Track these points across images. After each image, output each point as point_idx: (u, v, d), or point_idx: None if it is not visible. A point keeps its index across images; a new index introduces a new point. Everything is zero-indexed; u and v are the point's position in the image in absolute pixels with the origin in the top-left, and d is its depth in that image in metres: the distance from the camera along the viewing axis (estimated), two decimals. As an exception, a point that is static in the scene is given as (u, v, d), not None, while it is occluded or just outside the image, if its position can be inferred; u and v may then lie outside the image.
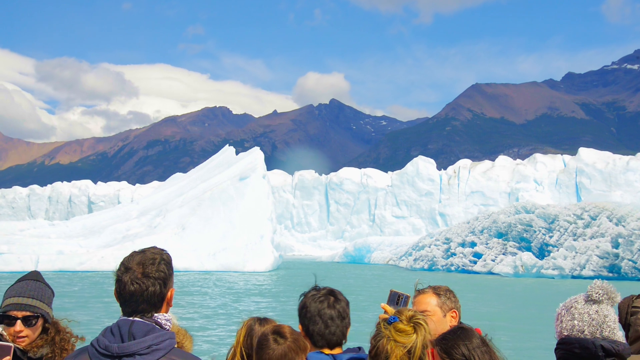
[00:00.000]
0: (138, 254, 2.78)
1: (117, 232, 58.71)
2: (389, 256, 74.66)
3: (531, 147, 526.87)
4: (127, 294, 2.70)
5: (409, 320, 2.89)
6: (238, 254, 53.79)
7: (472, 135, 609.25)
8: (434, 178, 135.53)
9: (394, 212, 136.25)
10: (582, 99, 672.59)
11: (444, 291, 3.80)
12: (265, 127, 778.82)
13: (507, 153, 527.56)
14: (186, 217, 57.77)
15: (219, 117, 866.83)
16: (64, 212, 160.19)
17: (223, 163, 69.02)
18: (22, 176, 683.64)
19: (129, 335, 2.63)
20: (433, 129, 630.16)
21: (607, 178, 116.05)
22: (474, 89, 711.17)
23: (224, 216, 57.05)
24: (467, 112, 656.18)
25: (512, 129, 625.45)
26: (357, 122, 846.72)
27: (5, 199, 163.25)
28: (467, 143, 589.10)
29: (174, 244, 54.39)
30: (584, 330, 3.09)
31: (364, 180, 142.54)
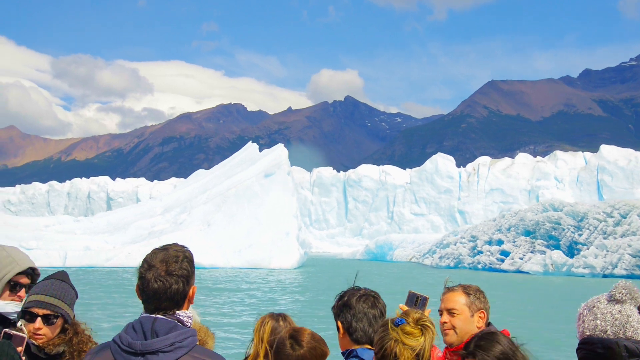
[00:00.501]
0: (161, 252, 2.76)
1: (142, 228, 58.81)
2: (412, 254, 74.26)
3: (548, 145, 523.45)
4: (151, 292, 2.68)
5: (416, 323, 2.89)
6: (264, 251, 53.66)
7: (487, 132, 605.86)
8: (453, 175, 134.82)
9: (413, 209, 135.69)
10: (599, 96, 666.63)
11: (474, 291, 3.76)
12: (280, 124, 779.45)
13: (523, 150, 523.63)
14: (211, 213, 57.72)
15: (233, 113, 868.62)
16: (83, 208, 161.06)
17: (246, 160, 68.89)
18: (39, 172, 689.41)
19: (152, 333, 2.62)
20: (448, 126, 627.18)
21: (629, 175, 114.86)
22: (489, 86, 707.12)
23: (249, 213, 56.94)
24: (482, 109, 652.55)
25: (528, 126, 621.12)
26: (371, 119, 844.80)
27: (25, 195, 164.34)
28: (483, 140, 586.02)
29: (199, 240, 54.37)
30: (606, 330, 3.03)
31: (382, 178, 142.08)
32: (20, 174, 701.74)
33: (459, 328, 3.63)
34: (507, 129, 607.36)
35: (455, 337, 3.64)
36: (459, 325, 3.62)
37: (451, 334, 3.64)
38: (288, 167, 61.68)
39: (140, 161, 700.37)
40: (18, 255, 3.64)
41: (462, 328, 3.61)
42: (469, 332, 3.60)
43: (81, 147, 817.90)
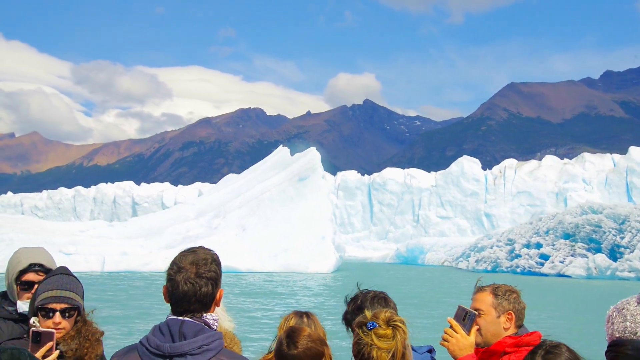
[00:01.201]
0: (190, 254, 2.79)
1: (176, 233, 58.91)
2: (444, 257, 73.70)
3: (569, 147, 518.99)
4: (181, 294, 2.69)
5: (387, 324, 2.95)
6: (300, 255, 53.47)
7: (508, 135, 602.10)
8: (479, 178, 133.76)
9: (439, 212, 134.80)
10: (621, 97, 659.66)
11: (504, 291, 3.66)
12: (299, 127, 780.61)
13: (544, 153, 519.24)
14: (246, 218, 57.70)
15: (252, 118, 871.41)
16: (109, 212, 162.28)
17: (278, 164, 68.79)
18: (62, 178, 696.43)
19: (180, 335, 2.63)
20: (468, 129, 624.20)
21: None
22: (509, 88, 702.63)
23: (284, 217, 56.81)
24: (502, 112, 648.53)
25: (549, 128, 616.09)
26: (390, 123, 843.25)
27: (52, 200, 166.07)
28: (503, 143, 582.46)
29: (234, 245, 54.37)
30: (636, 332, 2.99)
31: (407, 181, 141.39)
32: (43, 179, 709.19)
33: (483, 329, 3.56)
34: (527, 131, 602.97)
35: (480, 338, 3.57)
36: (483, 326, 3.56)
37: (477, 335, 3.53)
38: (322, 171, 61.53)
39: (161, 166, 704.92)
40: (26, 255, 3.69)
41: (486, 329, 3.55)
42: (495, 333, 3.55)
43: (103, 153, 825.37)
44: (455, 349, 3.31)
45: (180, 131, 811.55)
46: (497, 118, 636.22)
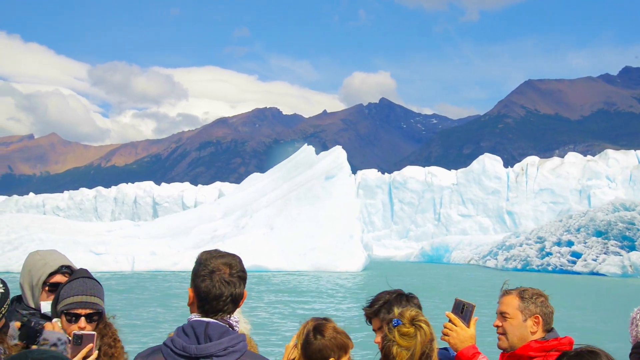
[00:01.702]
0: (219, 255, 2.81)
1: (204, 232, 58.91)
2: (470, 256, 73.07)
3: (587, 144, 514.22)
4: (217, 294, 2.71)
5: (411, 323, 3.03)
6: (328, 254, 53.21)
7: (525, 132, 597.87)
8: (501, 176, 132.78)
9: (460, 210, 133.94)
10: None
11: (531, 295, 3.60)
12: (316, 127, 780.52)
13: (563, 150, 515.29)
14: (273, 217, 57.54)
15: (269, 117, 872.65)
16: (130, 213, 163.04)
17: (303, 162, 68.59)
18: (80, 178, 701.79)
19: (205, 337, 2.64)
20: (485, 127, 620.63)
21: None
22: (526, 86, 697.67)
23: (311, 216, 56.58)
24: (520, 109, 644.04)
25: (567, 125, 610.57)
26: (407, 121, 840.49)
27: (73, 201, 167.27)
28: (521, 140, 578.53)
29: (263, 244, 54.25)
30: None
31: (428, 179, 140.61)
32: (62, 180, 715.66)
33: (510, 333, 3.52)
34: (545, 128, 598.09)
35: (506, 343, 3.54)
36: (510, 329, 3.52)
37: (502, 339, 3.56)
38: (348, 169, 61.21)
39: (178, 166, 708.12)
40: (51, 257, 3.76)
41: (512, 333, 3.51)
42: (522, 337, 3.49)
43: (120, 153, 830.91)
44: (456, 341, 3.29)
45: (197, 131, 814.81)
46: (515, 115, 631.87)
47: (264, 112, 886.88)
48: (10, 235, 52.75)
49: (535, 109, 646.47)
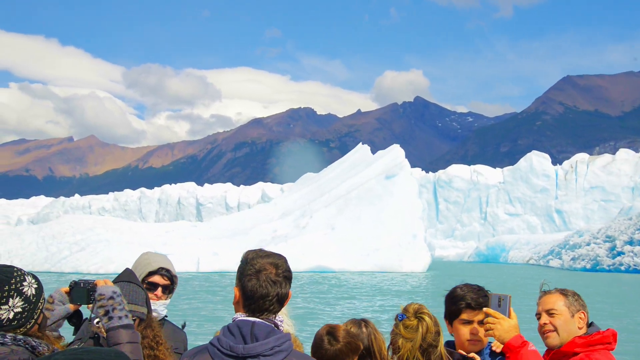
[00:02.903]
0: (266, 254, 2.83)
1: (263, 232, 58.66)
2: (529, 255, 71.58)
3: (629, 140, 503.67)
4: (263, 294, 2.71)
5: (415, 316, 3.17)
6: (392, 254, 52.48)
7: (564, 129, 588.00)
8: (549, 173, 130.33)
9: (507, 209, 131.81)
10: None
11: (572, 293, 3.67)
12: (350, 126, 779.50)
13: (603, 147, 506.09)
14: (334, 217, 57.02)
15: (303, 117, 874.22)
16: (173, 213, 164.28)
17: (359, 162, 67.97)
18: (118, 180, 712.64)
19: (252, 337, 2.65)
20: (522, 124, 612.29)
21: None
22: (565, 82, 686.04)
23: (373, 215, 55.90)
24: (558, 106, 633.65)
25: (608, 121, 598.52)
26: (442, 119, 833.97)
27: (118, 202, 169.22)
28: (560, 137, 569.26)
29: (325, 244, 53.79)
30: None
31: (474, 177, 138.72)
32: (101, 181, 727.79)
33: (561, 329, 3.52)
34: (584, 125, 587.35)
35: (557, 339, 3.53)
36: (561, 325, 3.53)
37: (553, 335, 3.54)
38: (409, 168, 60.38)
39: (214, 167, 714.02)
40: (154, 258, 3.96)
41: (563, 329, 3.52)
42: (571, 333, 3.52)
43: (157, 155, 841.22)
44: (501, 333, 3.27)
45: (232, 132, 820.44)
46: (553, 112, 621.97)
47: (298, 112, 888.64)
48: (76, 237, 53.21)
49: (574, 106, 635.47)
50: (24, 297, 2.68)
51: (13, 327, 2.66)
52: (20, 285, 2.68)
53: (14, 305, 2.66)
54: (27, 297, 2.70)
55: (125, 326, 2.98)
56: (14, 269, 2.73)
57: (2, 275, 2.66)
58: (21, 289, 2.68)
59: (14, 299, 2.65)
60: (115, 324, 2.96)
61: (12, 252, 52.71)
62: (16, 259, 51.32)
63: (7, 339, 2.60)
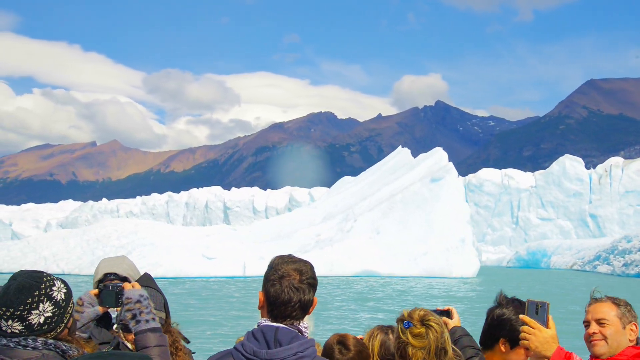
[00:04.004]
0: (292, 260, 2.83)
1: (307, 236, 58.03)
2: (572, 260, 70.19)
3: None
4: (285, 300, 2.72)
5: (422, 323, 3.13)
6: (440, 259, 51.59)
7: (588, 133, 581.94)
8: (583, 177, 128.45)
9: (539, 214, 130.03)
10: None
11: (624, 303, 3.59)
12: (371, 130, 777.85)
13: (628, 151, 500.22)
14: (379, 220, 56.22)
15: (324, 122, 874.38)
16: (201, 217, 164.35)
17: (400, 165, 67.14)
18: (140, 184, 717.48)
19: (275, 342, 2.66)
20: (545, 128, 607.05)
21: None
22: (588, 85, 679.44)
23: (419, 219, 55.00)
24: (582, 110, 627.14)
25: (633, 125, 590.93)
26: (463, 123, 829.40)
27: (146, 206, 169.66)
28: (584, 142, 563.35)
29: (370, 248, 53.05)
30: None
31: (505, 181, 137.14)
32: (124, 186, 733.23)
33: (611, 339, 3.44)
34: (609, 129, 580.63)
35: (606, 348, 3.44)
36: (611, 335, 3.44)
37: (602, 344, 3.44)
38: (455, 171, 59.46)
39: (235, 171, 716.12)
40: (101, 265, 3.88)
41: (614, 339, 3.43)
42: (620, 344, 3.44)
43: (179, 159, 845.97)
44: (537, 344, 3.09)
45: (253, 136, 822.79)
46: (577, 116, 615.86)
47: (318, 117, 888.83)
48: (121, 240, 53.00)
49: (598, 109, 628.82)
50: (53, 301, 2.71)
51: (44, 332, 2.70)
52: (50, 290, 2.71)
53: (44, 310, 2.69)
54: (57, 302, 2.73)
55: (153, 329, 3.01)
56: (44, 274, 2.77)
57: (32, 280, 2.69)
58: (51, 294, 2.71)
59: (44, 303, 2.68)
60: (142, 328, 2.99)
61: (57, 255, 52.63)
62: (62, 263, 51.25)
63: (38, 344, 2.65)
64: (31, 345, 2.64)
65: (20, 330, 2.66)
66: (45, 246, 54.58)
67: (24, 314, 2.65)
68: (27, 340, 2.65)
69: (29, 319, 2.65)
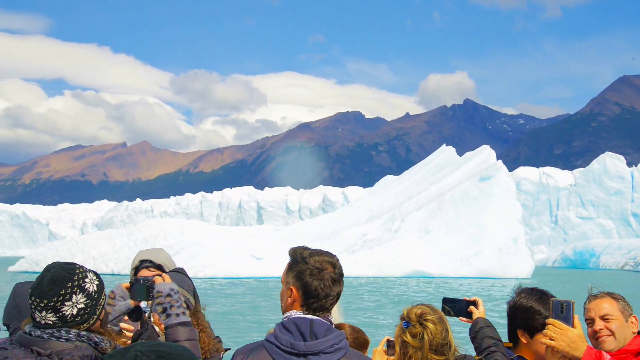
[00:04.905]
0: (317, 252, 2.81)
1: (353, 236, 57.17)
2: (623, 261, 68.33)
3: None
4: (327, 293, 2.73)
5: (419, 322, 3.15)
6: (493, 259, 50.32)
7: (621, 130, 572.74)
8: (624, 175, 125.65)
9: (579, 212, 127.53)
10: None
11: (622, 297, 3.66)
12: (399, 129, 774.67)
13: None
14: (427, 220, 55.12)
15: (351, 121, 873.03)
16: (234, 217, 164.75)
17: (445, 164, 65.98)
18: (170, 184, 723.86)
19: (311, 334, 2.65)
20: (577, 126, 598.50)
21: None
22: (621, 82, 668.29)
23: (470, 219, 53.77)
24: (614, 107, 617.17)
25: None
26: (492, 122, 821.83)
27: (180, 206, 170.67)
28: (616, 139, 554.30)
29: (420, 248, 52.04)
30: None
31: (543, 180, 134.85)
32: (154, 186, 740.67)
33: (617, 333, 3.49)
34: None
35: (615, 343, 3.50)
36: (617, 330, 3.50)
37: (610, 340, 3.49)
38: (506, 170, 58.13)
39: (263, 171, 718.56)
40: (137, 255, 4.08)
41: (620, 332, 3.49)
42: (626, 337, 3.50)
43: (207, 160, 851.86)
44: (564, 345, 2.97)
45: (281, 136, 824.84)
46: (609, 113, 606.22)
47: (346, 116, 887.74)
48: (169, 240, 52.71)
49: (631, 106, 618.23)
50: (86, 293, 2.74)
51: (76, 323, 2.72)
52: (83, 282, 2.74)
53: (77, 301, 2.71)
54: (90, 294, 2.75)
55: (183, 323, 3.04)
56: (76, 266, 2.78)
57: (65, 272, 2.72)
58: (83, 286, 2.73)
59: (77, 295, 2.71)
60: (173, 322, 3.03)
61: (105, 255, 52.54)
62: (111, 263, 51.14)
63: (71, 335, 2.67)
64: (64, 336, 2.65)
65: (53, 322, 2.67)
66: (92, 246, 54.55)
67: (57, 305, 2.66)
68: (61, 331, 2.66)
69: (62, 310, 2.67)
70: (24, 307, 3.84)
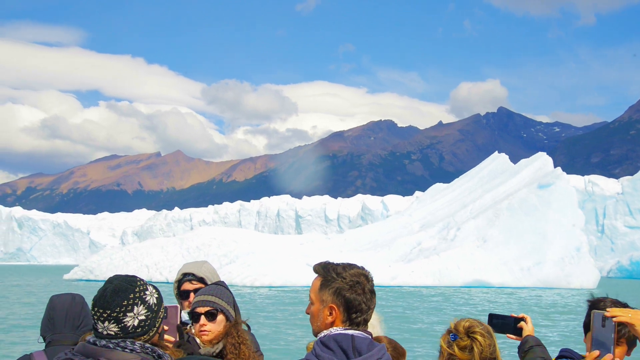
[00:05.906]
0: (347, 265, 2.76)
1: (408, 245, 56.06)
2: (685, 271, 65.93)
3: None
4: (369, 306, 2.67)
5: (468, 335, 3.12)
6: (556, 269, 48.79)
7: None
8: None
9: (627, 222, 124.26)
10: None
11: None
12: (432, 138, 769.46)
13: None
14: (484, 228, 53.74)
15: (384, 130, 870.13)
16: (273, 226, 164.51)
17: (499, 171, 64.54)
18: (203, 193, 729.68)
19: (354, 350, 2.55)
20: (615, 134, 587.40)
21: None
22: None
23: (529, 227, 52.26)
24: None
25: None
26: (527, 130, 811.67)
27: (218, 215, 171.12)
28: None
29: (478, 257, 50.71)
30: None
31: (588, 188, 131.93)
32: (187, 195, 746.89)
33: None
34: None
35: None
36: None
37: None
38: (567, 177, 56.51)
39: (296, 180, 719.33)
40: (181, 269, 4.17)
41: None
42: None
43: (240, 169, 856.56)
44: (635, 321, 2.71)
45: (313, 145, 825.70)
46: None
47: (378, 125, 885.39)
48: (222, 249, 52.31)
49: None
50: (147, 305, 2.76)
51: (137, 335, 2.73)
52: (144, 294, 2.76)
53: (139, 313, 2.73)
54: (150, 306, 2.77)
55: None
56: (137, 278, 2.81)
57: (127, 284, 2.75)
58: (144, 298, 2.75)
59: (138, 306, 2.73)
60: None
61: (159, 264, 52.32)
62: (165, 271, 50.88)
63: (136, 346, 2.69)
64: (129, 347, 2.67)
65: (115, 332, 2.69)
66: (145, 254, 54.39)
67: (119, 316, 2.68)
68: (126, 342, 2.68)
69: (124, 321, 2.69)
70: (57, 320, 3.83)
